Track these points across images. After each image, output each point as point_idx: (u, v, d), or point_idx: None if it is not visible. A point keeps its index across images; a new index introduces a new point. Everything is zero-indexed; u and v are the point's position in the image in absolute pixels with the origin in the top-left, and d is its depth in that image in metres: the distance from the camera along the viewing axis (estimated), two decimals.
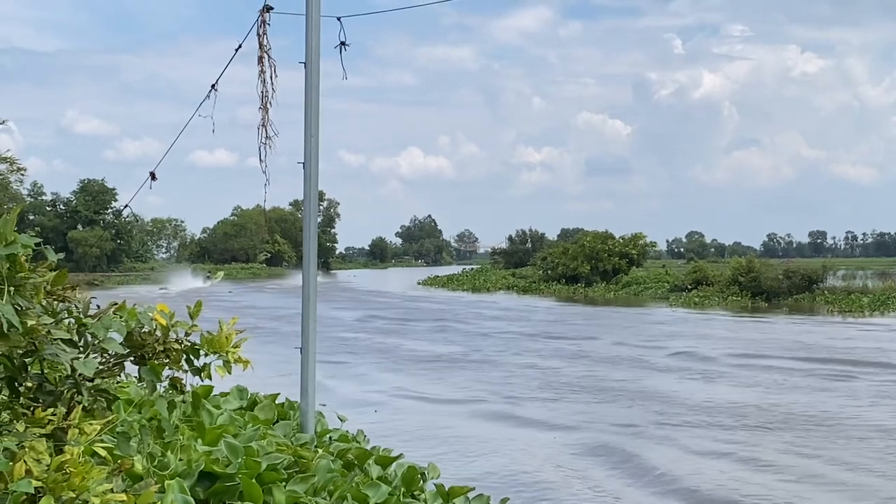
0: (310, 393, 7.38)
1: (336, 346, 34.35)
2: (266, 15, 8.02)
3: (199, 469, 4.85)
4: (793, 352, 34.73)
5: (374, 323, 50.45)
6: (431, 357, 33.26)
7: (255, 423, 6.44)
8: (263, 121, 8.11)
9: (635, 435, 19.18)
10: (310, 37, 7.62)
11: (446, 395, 24.67)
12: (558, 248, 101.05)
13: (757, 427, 20.13)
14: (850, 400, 23.93)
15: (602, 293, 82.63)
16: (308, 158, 7.67)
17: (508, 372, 29.26)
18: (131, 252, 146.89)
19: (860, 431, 19.68)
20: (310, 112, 7.67)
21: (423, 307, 66.04)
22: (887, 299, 60.00)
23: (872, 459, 17.03)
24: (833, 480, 15.77)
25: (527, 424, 20.44)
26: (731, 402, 23.07)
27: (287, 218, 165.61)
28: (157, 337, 4.07)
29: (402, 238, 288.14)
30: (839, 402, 23.50)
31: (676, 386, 26.42)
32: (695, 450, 17.87)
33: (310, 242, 7.76)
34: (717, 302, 66.95)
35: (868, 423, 20.62)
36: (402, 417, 21.13)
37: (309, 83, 7.66)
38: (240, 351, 4.27)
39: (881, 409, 22.44)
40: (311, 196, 7.75)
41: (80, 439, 3.60)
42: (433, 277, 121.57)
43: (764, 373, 28.93)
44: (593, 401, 23.84)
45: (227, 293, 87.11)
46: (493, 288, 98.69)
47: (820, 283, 66.39)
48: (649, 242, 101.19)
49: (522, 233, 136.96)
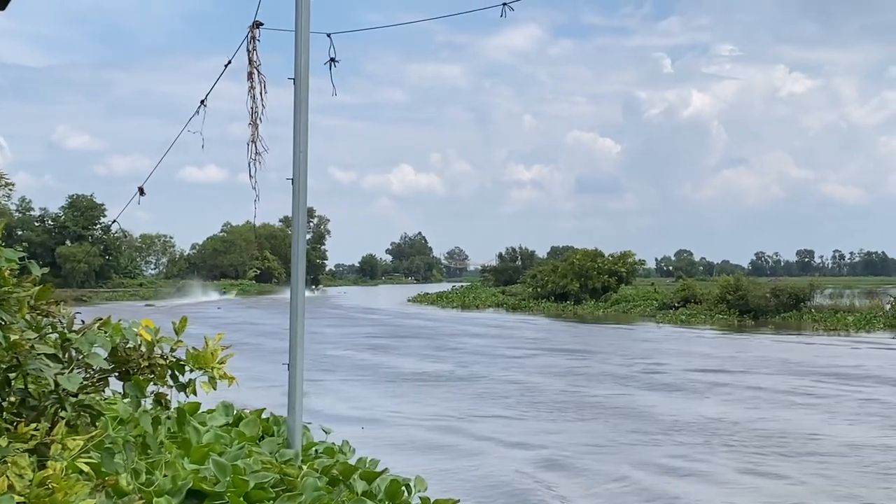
0: (297, 409, 7.35)
1: (317, 363, 34.21)
2: (256, 31, 8.01)
3: (186, 487, 4.83)
4: (766, 368, 35.26)
5: (359, 339, 50.39)
6: (412, 375, 33.12)
7: (240, 439, 6.41)
8: (253, 137, 8.09)
9: (587, 453, 19.12)
10: (299, 53, 7.62)
11: (409, 413, 24.39)
12: (548, 265, 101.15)
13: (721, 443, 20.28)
14: (807, 414, 24.32)
15: (591, 311, 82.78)
16: (297, 174, 7.65)
17: (485, 389, 29.26)
18: (120, 268, 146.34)
19: (806, 444, 19.99)
20: (299, 128, 7.66)
21: (410, 324, 66.02)
22: (873, 318, 60.18)
23: (812, 475, 17.12)
24: (747, 486, 15.97)
25: (475, 441, 20.30)
26: (707, 418, 23.17)
27: (277, 234, 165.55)
28: (142, 352, 4.05)
29: (393, 255, 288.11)
30: (791, 416, 23.92)
31: (649, 401, 26.56)
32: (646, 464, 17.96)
33: (298, 259, 7.75)
34: (703, 320, 67.11)
35: (818, 435, 20.94)
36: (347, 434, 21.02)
37: (298, 99, 7.65)
38: (225, 367, 4.25)
39: (835, 424, 22.79)
40: (299, 212, 7.73)
41: (64, 455, 3.58)
42: (423, 294, 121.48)
43: (736, 389, 29.34)
44: (556, 418, 23.91)
45: (216, 309, 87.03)
46: (482, 305, 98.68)
47: (807, 302, 66.54)
48: (638, 260, 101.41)
49: (512, 250, 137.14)
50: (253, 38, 8.06)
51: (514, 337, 52.97)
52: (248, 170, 8.05)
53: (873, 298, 70.09)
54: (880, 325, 57.88)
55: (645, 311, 77.62)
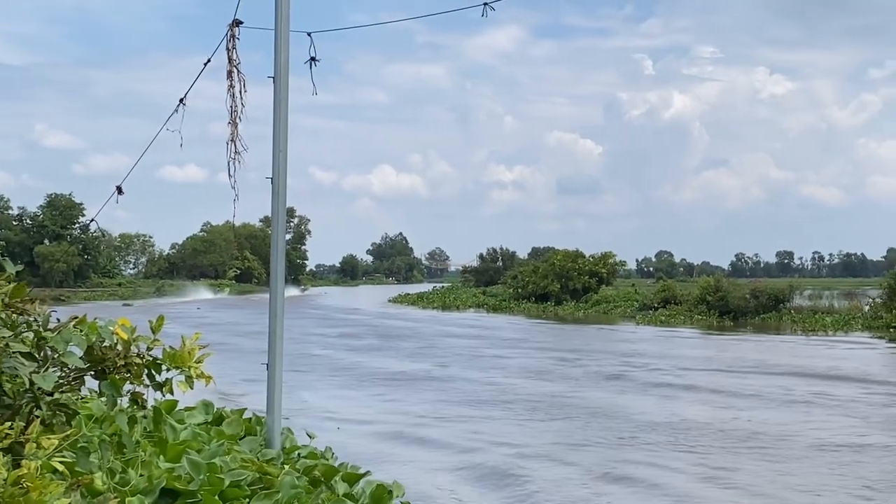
0: (276, 409, 7.34)
1: (293, 363, 34.10)
2: (235, 29, 7.99)
3: (160, 486, 4.80)
4: (741, 368, 35.53)
5: (338, 339, 50.40)
6: (388, 375, 33.01)
7: (220, 438, 6.38)
8: (232, 136, 8.07)
9: (539, 455, 18.90)
10: (279, 52, 7.60)
11: (370, 415, 24.13)
12: (529, 266, 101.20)
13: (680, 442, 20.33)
14: (780, 414, 24.29)
15: (571, 311, 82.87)
16: (276, 174, 7.64)
17: (458, 389, 29.16)
18: (98, 267, 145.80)
19: (773, 445, 19.91)
20: (278, 127, 7.65)
21: (390, 325, 66.04)
22: (851, 319, 60.54)
23: (771, 479, 17.05)
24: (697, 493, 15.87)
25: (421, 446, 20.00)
26: (680, 418, 23.17)
27: (257, 234, 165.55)
28: (118, 351, 4.03)
29: (373, 255, 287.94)
30: (765, 416, 23.89)
31: (623, 402, 26.57)
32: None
33: (278, 259, 7.74)
34: (682, 321, 67.35)
35: (787, 436, 20.79)
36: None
37: (278, 98, 7.64)
38: (202, 366, 4.23)
39: (806, 423, 22.69)
40: (279, 212, 7.72)
41: (38, 454, 3.56)
42: (404, 295, 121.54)
43: (709, 389, 29.41)
44: (525, 419, 23.79)
45: (196, 309, 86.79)
46: (463, 306, 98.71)
47: (787, 303, 66.82)
48: (619, 261, 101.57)
49: (493, 251, 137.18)
50: (233, 37, 8.04)
51: (493, 338, 52.90)
52: (227, 169, 8.04)
53: (852, 300, 70.36)
54: (858, 325, 58.18)
55: (625, 311, 77.79)
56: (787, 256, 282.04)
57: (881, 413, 24.84)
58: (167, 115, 8.72)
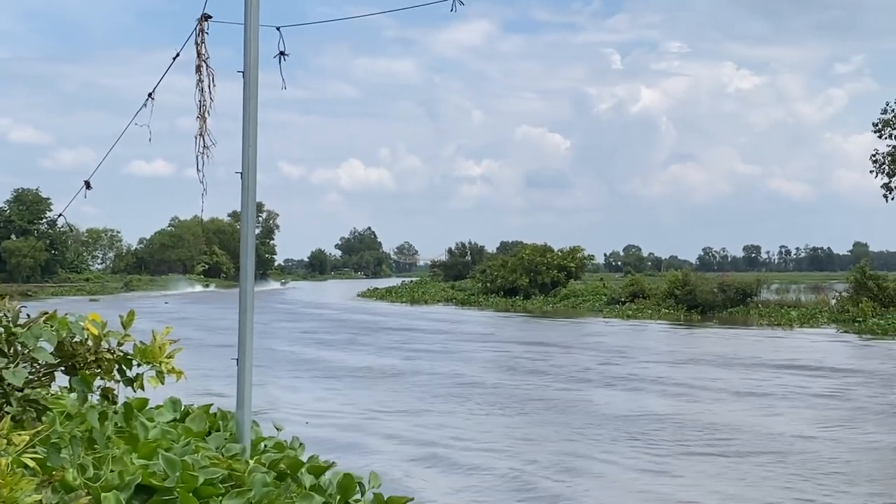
0: (246, 404, 7.32)
1: (257, 358, 33.86)
2: (204, 24, 7.96)
3: (134, 482, 4.78)
4: (703, 361, 36.30)
5: (305, 334, 50.44)
6: (352, 370, 33.07)
7: (187, 435, 6.37)
8: (201, 130, 8.03)
9: (484, 449, 19.08)
10: (248, 46, 7.57)
11: (329, 408, 24.20)
12: (497, 260, 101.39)
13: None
14: (737, 407, 24.68)
15: (540, 305, 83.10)
16: (246, 168, 7.61)
17: (421, 383, 29.35)
18: (66, 263, 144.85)
19: (725, 439, 20.15)
20: (248, 122, 7.62)
21: (358, 319, 66.02)
22: (817, 312, 61.12)
23: (715, 474, 17.18)
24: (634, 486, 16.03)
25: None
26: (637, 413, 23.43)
27: (226, 229, 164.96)
28: (89, 347, 4.01)
29: (342, 250, 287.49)
30: (719, 409, 24.29)
31: (582, 395, 26.95)
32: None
33: (247, 253, 7.71)
34: (650, 314, 67.69)
35: (741, 429, 21.03)
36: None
37: (247, 93, 7.61)
38: (173, 361, 4.22)
39: (757, 416, 23.00)
40: (248, 206, 7.69)
41: (9, 450, 3.54)
42: (372, 289, 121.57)
43: (671, 382, 29.93)
44: (481, 412, 24.02)
45: (164, 304, 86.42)
46: (431, 300, 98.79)
47: (754, 297, 67.30)
48: (587, 256, 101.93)
49: (462, 245, 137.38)
50: (201, 31, 8.00)
51: (460, 332, 53.16)
52: (196, 164, 8.01)
53: (819, 294, 71.02)
54: (824, 319, 58.74)
55: (594, 306, 78.08)
56: (755, 250, 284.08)
57: (835, 404, 25.23)
58: (136, 109, 8.66)
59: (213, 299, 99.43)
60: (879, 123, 62.72)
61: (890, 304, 57.54)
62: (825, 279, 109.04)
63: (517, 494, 15.37)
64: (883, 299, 58.03)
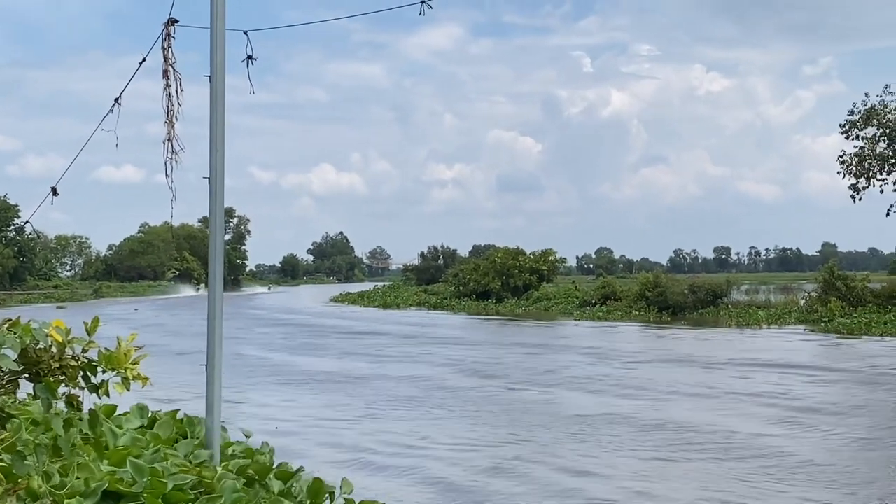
0: (215, 410, 7.29)
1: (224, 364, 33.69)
2: (171, 28, 7.93)
3: (101, 488, 4.75)
4: (665, 360, 37.28)
5: (275, 339, 50.45)
6: (318, 374, 33.03)
7: (156, 442, 6.33)
8: (169, 135, 8.00)
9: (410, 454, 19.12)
10: (215, 51, 7.54)
11: (296, 414, 24.17)
12: (470, 264, 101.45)
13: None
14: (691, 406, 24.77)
15: (512, 309, 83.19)
16: (214, 174, 7.58)
17: (382, 387, 29.42)
18: (34, 270, 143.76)
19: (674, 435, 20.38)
20: (215, 126, 7.59)
21: (330, 324, 66.00)
22: (786, 313, 61.59)
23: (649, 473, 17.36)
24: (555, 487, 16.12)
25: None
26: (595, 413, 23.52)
27: (196, 235, 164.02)
28: (53, 353, 3.98)
29: (314, 255, 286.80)
30: (673, 408, 24.46)
31: (543, 396, 27.20)
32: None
33: (216, 259, 7.67)
34: (620, 316, 67.96)
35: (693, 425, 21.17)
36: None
37: (214, 97, 7.58)
38: (139, 368, 4.20)
39: (705, 413, 23.26)
40: (216, 212, 7.66)
41: None
42: (345, 294, 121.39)
43: (630, 381, 30.46)
44: (437, 415, 24.05)
45: (133, 310, 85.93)
46: (404, 304, 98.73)
47: (724, 298, 67.65)
48: (559, 258, 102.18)
49: (434, 249, 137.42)
50: (168, 36, 7.97)
51: (429, 336, 53.24)
52: (164, 169, 7.97)
53: (788, 294, 71.52)
54: (792, 319, 59.16)
55: (566, 308, 78.20)
56: (725, 252, 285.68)
57: (787, 403, 25.49)
58: (102, 114, 8.61)
59: (194, 305, 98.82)
60: (846, 125, 63.19)
61: (858, 304, 58.01)
62: (794, 280, 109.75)
63: (429, 496, 15.47)
64: (851, 299, 58.50)
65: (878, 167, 62.66)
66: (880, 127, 62.07)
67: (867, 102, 62.69)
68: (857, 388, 28.82)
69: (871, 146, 62.66)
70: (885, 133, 61.82)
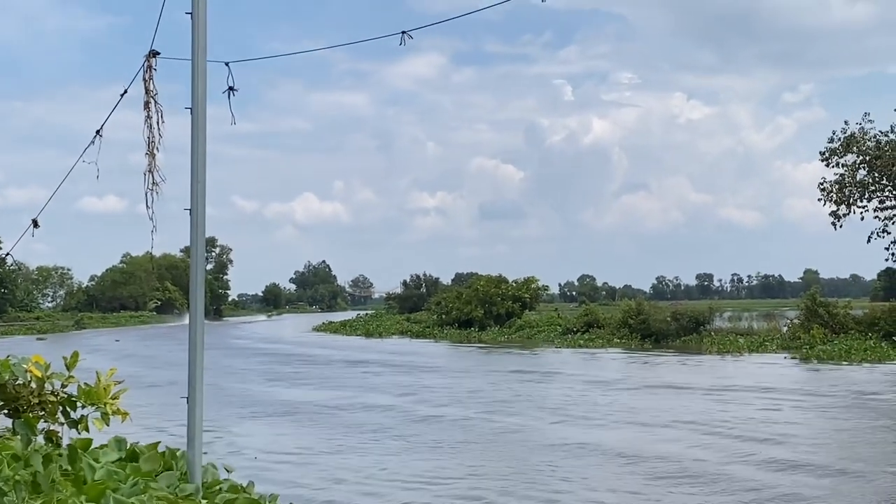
0: (196, 442, 7.24)
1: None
2: (152, 60, 7.94)
3: None
4: (629, 387, 38.43)
5: (251, 367, 50.68)
6: (292, 405, 33.18)
7: (136, 475, 6.28)
8: (150, 167, 8.01)
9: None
10: (196, 82, 7.55)
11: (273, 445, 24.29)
12: (452, 292, 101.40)
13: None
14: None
15: (495, 337, 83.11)
16: (195, 205, 7.57)
17: (351, 418, 29.59)
18: (16, 301, 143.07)
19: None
20: (196, 158, 7.59)
21: (311, 353, 66.07)
22: (766, 340, 61.69)
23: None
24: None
25: None
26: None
27: (178, 265, 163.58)
28: (32, 389, 3.96)
29: (297, 284, 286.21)
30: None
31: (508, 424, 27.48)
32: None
33: (197, 289, 7.65)
34: (601, 343, 67.98)
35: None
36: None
37: (195, 129, 7.58)
38: (119, 402, 4.17)
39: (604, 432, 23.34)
40: (197, 243, 7.65)
41: None
42: (327, 323, 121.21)
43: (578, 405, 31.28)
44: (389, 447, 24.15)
45: (115, 342, 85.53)
46: (386, 333, 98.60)
47: (707, 325, 67.73)
48: (542, 286, 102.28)
49: (417, 278, 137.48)
50: (150, 68, 7.98)
51: (408, 364, 53.54)
52: (145, 200, 7.96)
53: (771, 321, 71.64)
54: (773, 346, 59.22)
55: (549, 336, 78.10)
56: (707, 278, 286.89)
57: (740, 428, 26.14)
58: (84, 146, 8.61)
59: (173, 335, 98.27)
60: (827, 152, 63.56)
61: (840, 331, 58.21)
62: (777, 306, 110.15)
63: None
64: (833, 326, 58.70)
65: (859, 194, 62.97)
66: (860, 154, 62.42)
67: (847, 130, 63.10)
68: (831, 411, 29.55)
69: (851, 173, 62.99)
70: (865, 160, 62.18)
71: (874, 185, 62.78)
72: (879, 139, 62.23)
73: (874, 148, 61.90)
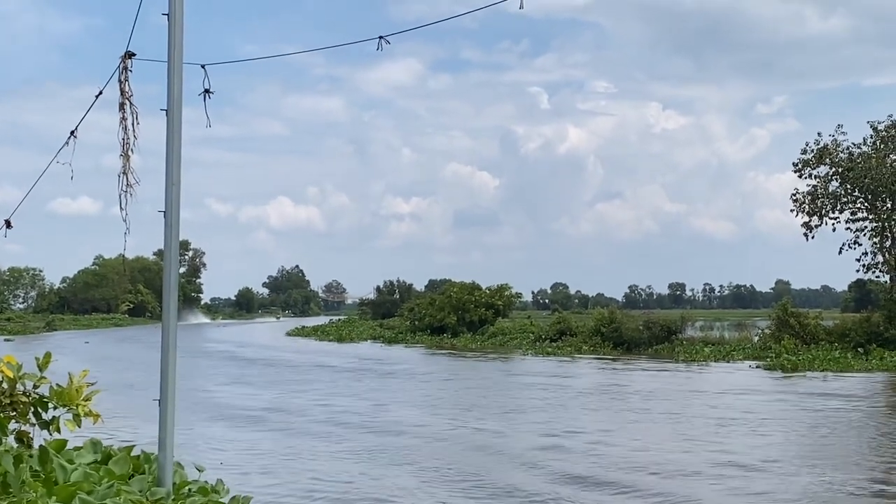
0: (168, 446, 7.22)
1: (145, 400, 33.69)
2: (128, 61, 7.92)
3: None
4: (584, 392, 39.14)
5: (217, 371, 50.77)
6: (237, 409, 33.13)
7: (110, 478, 6.26)
8: (124, 168, 7.98)
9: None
10: (171, 84, 7.54)
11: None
12: (426, 298, 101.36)
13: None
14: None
15: (467, 343, 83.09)
16: (169, 207, 7.56)
17: (304, 422, 29.70)
18: None
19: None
20: (171, 160, 7.58)
21: (281, 357, 66.02)
22: (734, 349, 61.90)
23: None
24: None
25: None
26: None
27: (151, 267, 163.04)
28: (4, 389, 3.94)
29: (270, 288, 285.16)
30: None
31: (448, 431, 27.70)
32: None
33: (170, 292, 7.63)
34: (570, 351, 67.97)
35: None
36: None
37: (170, 131, 7.57)
38: (91, 404, 4.16)
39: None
40: (171, 246, 7.63)
41: None
42: (300, 328, 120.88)
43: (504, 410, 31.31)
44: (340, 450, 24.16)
45: (84, 343, 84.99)
46: (359, 338, 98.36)
47: (679, 334, 67.91)
48: (515, 294, 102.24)
49: (390, 283, 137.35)
50: (125, 69, 7.96)
51: (377, 370, 53.77)
52: (119, 202, 7.93)
53: (742, 331, 71.95)
54: (740, 355, 59.36)
55: (521, 343, 78.00)
56: (679, 288, 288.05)
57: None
58: (59, 146, 8.58)
59: (140, 338, 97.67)
60: (799, 163, 63.94)
61: (811, 342, 58.55)
62: (748, 316, 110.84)
63: None
64: (804, 336, 59.04)
65: (831, 206, 63.37)
66: (833, 166, 62.81)
67: (820, 142, 63.45)
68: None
69: (823, 185, 63.41)
70: (838, 172, 62.60)
71: (846, 197, 63.20)
72: (852, 151, 62.63)
73: (847, 160, 62.29)
